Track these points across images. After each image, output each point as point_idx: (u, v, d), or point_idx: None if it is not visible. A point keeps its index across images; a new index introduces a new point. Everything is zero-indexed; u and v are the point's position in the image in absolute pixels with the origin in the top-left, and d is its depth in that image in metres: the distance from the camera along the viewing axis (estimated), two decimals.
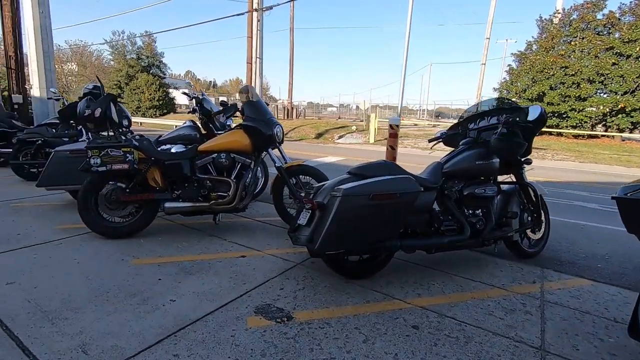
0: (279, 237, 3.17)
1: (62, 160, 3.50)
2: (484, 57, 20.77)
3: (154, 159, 2.96)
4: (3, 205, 3.78)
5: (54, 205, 3.86)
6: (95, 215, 2.92)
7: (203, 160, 3.07)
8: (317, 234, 2.08)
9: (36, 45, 8.59)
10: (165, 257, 2.65)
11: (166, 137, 4.06)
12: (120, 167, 2.79)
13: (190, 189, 3.02)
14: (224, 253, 2.77)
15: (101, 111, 2.98)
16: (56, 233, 3.01)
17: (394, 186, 2.13)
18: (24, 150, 5.03)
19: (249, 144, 3.12)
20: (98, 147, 2.75)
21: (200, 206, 2.99)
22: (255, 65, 19.58)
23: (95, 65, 31.90)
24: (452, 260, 2.81)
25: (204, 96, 4.05)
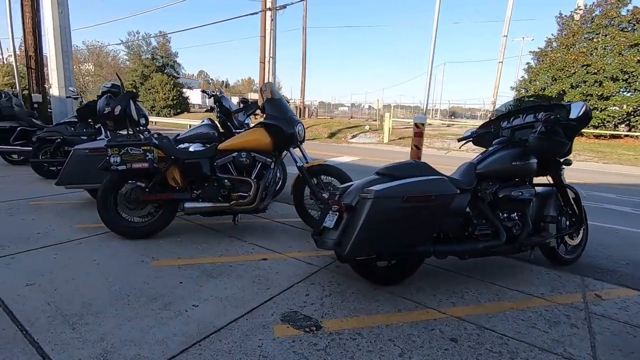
0: (301, 239, 3.06)
1: (81, 158, 3.47)
2: (501, 55, 20.33)
3: (174, 158, 2.89)
4: (23, 203, 3.77)
5: (73, 204, 3.84)
6: (114, 215, 2.86)
7: (223, 159, 2.98)
8: (346, 238, 1.97)
9: (55, 44, 8.71)
10: (185, 258, 2.57)
11: (184, 136, 4.00)
12: (140, 165, 2.72)
13: (210, 189, 2.94)
14: (245, 255, 2.67)
15: (121, 109, 2.93)
16: (75, 232, 2.97)
17: (428, 188, 2.00)
18: (44, 149, 5.05)
19: (270, 143, 3.03)
20: (118, 145, 2.69)
21: (221, 206, 2.91)
22: (269, 65, 19.58)
23: (112, 65, 32.46)
24: (485, 266, 2.66)
25: (222, 94, 3.97)
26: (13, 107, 6.08)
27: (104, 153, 3.43)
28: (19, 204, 3.72)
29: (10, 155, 6.14)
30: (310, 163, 3.19)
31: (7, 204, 3.70)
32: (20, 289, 2.02)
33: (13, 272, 2.22)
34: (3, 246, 2.61)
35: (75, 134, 5.11)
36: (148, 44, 28.22)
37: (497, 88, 20.49)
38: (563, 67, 16.14)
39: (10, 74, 14.84)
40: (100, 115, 2.84)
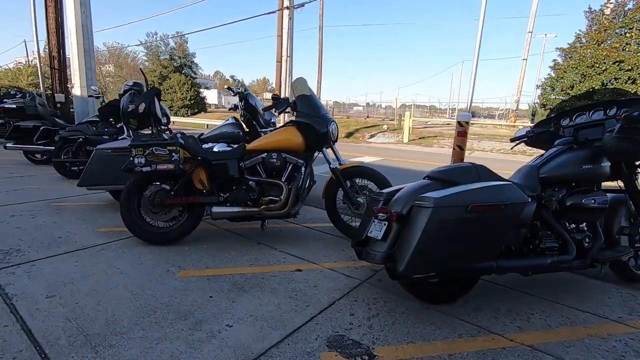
0: (335, 247, 2.83)
1: (103, 159, 3.33)
2: (525, 52, 19.60)
3: (201, 159, 2.69)
4: (45, 204, 3.67)
5: (94, 206, 3.71)
6: (138, 219, 2.70)
7: (252, 160, 2.78)
8: (401, 253, 1.72)
9: (77, 44, 8.74)
10: (213, 268, 2.37)
11: (208, 135, 3.83)
12: (166, 167, 2.54)
13: (238, 192, 2.74)
14: (277, 266, 2.46)
15: (145, 107, 2.77)
16: (97, 237, 2.82)
17: (496, 195, 1.73)
18: (66, 148, 4.98)
19: (302, 143, 2.80)
20: (142, 145, 2.52)
21: (250, 211, 2.70)
22: (287, 64, 19.42)
23: (131, 66, 33.00)
24: (544, 281, 2.36)
25: (248, 91, 3.78)
26: (37, 106, 6.07)
27: (127, 153, 3.29)
28: (41, 205, 3.62)
29: (33, 155, 6.13)
30: (344, 164, 2.95)
31: (30, 205, 3.60)
32: (40, 301, 1.86)
33: (33, 281, 2.07)
34: (23, 251, 2.47)
35: (97, 133, 5.02)
36: (166, 44, 28.56)
37: (521, 86, 19.77)
38: (593, 64, 15.39)
39: (34, 74, 15.16)
40: (124, 113, 2.68)
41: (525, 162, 2.40)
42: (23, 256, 2.39)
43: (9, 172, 5.20)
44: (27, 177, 4.96)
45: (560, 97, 17.68)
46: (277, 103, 2.86)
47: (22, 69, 16.44)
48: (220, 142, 3.79)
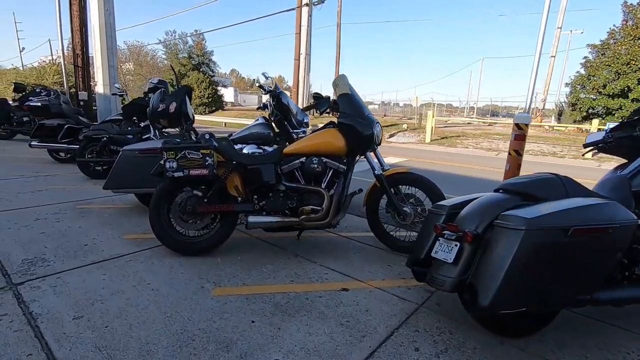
0: (378, 262, 2.57)
1: (130, 160, 3.16)
2: (553, 48, 18.80)
3: (236, 163, 2.48)
4: (70, 207, 3.54)
5: (120, 209, 3.56)
6: (168, 228, 2.50)
7: (290, 165, 2.54)
8: (483, 283, 1.45)
9: (101, 42, 8.74)
10: (251, 285, 2.15)
11: (237, 136, 3.62)
12: (199, 172, 2.33)
13: (275, 200, 2.51)
14: (320, 283, 2.21)
15: (176, 106, 2.57)
16: (125, 245, 2.64)
17: (601, 216, 1.44)
18: (90, 148, 4.88)
19: (344, 146, 2.55)
20: (174, 148, 2.31)
21: (289, 221, 2.47)
22: (305, 62, 19.21)
23: (150, 64, 33.43)
24: (632, 312, 2.04)
25: (280, 90, 3.55)
26: (61, 104, 6.02)
27: (154, 154, 3.12)
28: (67, 208, 3.49)
29: (57, 153, 6.08)
30: (390, 170, 2.68)
31: (55, 207, 3.47)
32: (66, 323, 1.67)
33: (59, 298, 1.89)
34: (48, 261, 2.31)
35: (121, 132, 4.90)
36: (184, 43, 28.79)
37: (548, 85, 18.97)
38: (629, 61, 14.59)
39: (59, 72, 15.40)
40: (154, 112, 2.50)
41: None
42: (48, 267, 2.22)
43: (34, 172, 5.14)
44: (51, 177, 4.88)
45: (591, 96, 16.87)
46: (319, 103, 2.61)
47: (46, 68, 16.75)
48: (250, 143, 3.59)
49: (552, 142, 14.42)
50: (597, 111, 16.39)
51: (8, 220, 3.02)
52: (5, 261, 2.27)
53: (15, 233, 2.75)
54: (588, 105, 16.40)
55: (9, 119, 8.41)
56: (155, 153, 3.15)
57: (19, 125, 8.46)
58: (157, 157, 3.13)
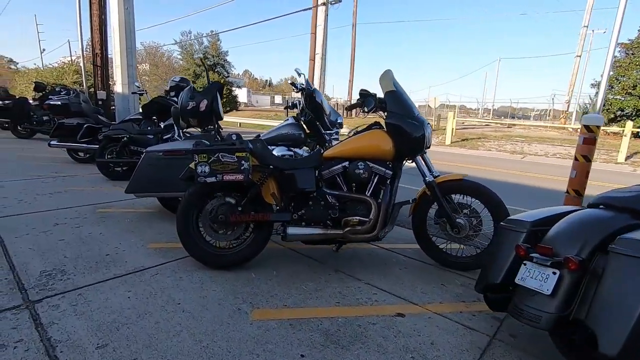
0: (430, 280, 2.28)
1: (154, 162, 2.95)
2: (579, 48, 18.11)
3: (272, 168, 2.23)
4: (90, 211, 3.35)
5: (142, 214, 3.35)
6: (197, 238, 2.27)
7: (331, 170, 2.27)
8: (606, 325, 1.15)
9: (120, 41, 8.64)
10: (293, 307, 1.89)
11: (266, 137, 3.39)
12: (234, 177, 2.09)
13: (316, 209, 2.25)
14: (371, 306, 1.94)
15: (207, 104, 2.34)
16: (149, 255, 2.42)
17: None
18: (110, 148, 4.72)
19: (392, 150, 2.27)
20: (207, 151, 2.08)
21: (333, 234, 2.20)
22: (320, 62, 18.95)
23: (166, 65, 33.72)
24: None
25: (313, 88, 3.29)
26: (80, 103, 5.91)
27: (180, 156, 2.90)
28: (86, 212, 3.30)
29: (76, 153, 5.97)
30: (443, 177, 2.39)
31: (74, 211, 3.29)
32: (90, 354, 1.44)
33: (80, 320, 1.66)
34: (68, 274, 2.10)
35: (141, 132, 4.73)
36: (200, 43, 28.90)
37: (573, 85, 18.28)
38: None
39: (78, 72, 15.54)
40: (184, 111, 2.27)
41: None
42: (68, 280, 2.01)
43: (53, 172, 5.01)
44: (70, 178, 4.74)
45: (619, 98, 16.15)
46: (365, 100, 2.34)
47: (66, 67, 16.95)
48: (279, 144, 3.35)
49: None
50: (626, 113, 15.67)
51: (26, 225, 2.85)
52: (22, 273, 2.07)
53: (34, 240, 2.57)
54: (617, 106, 15.70)
55: (29, 118, 8.41)
56: (181, 155, 2.94)
57: (39, 125, 8.45)
58: (183, 159, 2.94)
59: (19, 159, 5.88)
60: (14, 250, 2.38)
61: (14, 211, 3.19)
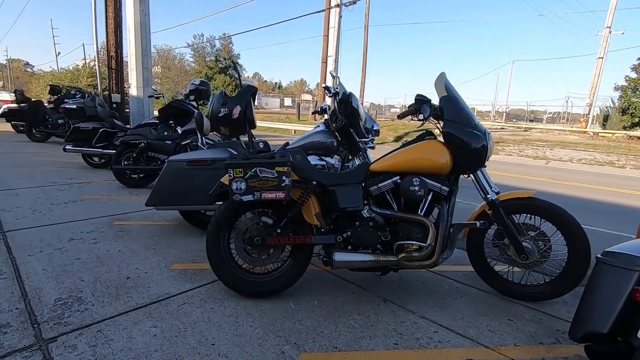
0: (495, 314, 1.98)
1: (176, 172, 2.71)
2: (602, 49, 17.51)
3: (315, 184, 1.96)
4: (107, 223, 3.13)
5: (162, 228, 3.12)
6: (229, 262, 2.01)
7: (380, 186, 2.00)
8: None
9: (135, 43, 8.53)
10: (345, 351, 1.61)
11: (295, 145, 3.13)
12: (273, 196, 1.82)
13: (364, 231, 1.97)
14: (435, 349, 1.65)
15: (241, 110, 2.09)
16: (174, 279, 2.17)
17: None
18: (127, 154, 4.51)
19: (448, 163, 1.98)
20: (243, 165, 1.82)
21: (386, 261, 1.92)
22: (335, 64, 18.70)
23: (178, 67, 33.89)
24: None
25: (349, 92, 3.02)
26: (96, 107, 5.74)
27: (205, 166, 2.67)
28: (103, 224, 3.08)
29: (91, 158, 5.80)
30: (507, 194, 2.09)
31: (90, 224, 3.07)
32: None
33: None
34: (86, 302, 1.86)
35: (159, 137, 4.52)
36: (212, 46, 28.99)
37: (596, 88, 17.67)
38: None
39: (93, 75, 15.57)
40: (214, 119, 2.02)
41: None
42: (86, 312, 1.77)
43: (68, 178, 4.84)
44: (85, 185, 4.55)
45: None
46: (421, 107, 2.05)
47: (81, 70, 17.02)
48: (309, 154, 3.08)
49: (602, 150, 13.30)
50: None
51: (40, 241, 2.63)
52: (35, 301, 1.84)
53: (48, 259, 2.34)
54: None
55: (45, 121, 8.32)
56: (206, 164, 2.70)
57: (54, 128, 8.36)
58: (208, 169, 2.70)
59: (34, 163, 5.74)
60: (26, 271, 2.15)
61: (28, 223, 2.99)
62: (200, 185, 2.71)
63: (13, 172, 4.97)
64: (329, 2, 19.56)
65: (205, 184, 2.72)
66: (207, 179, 2.71)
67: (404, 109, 2.92)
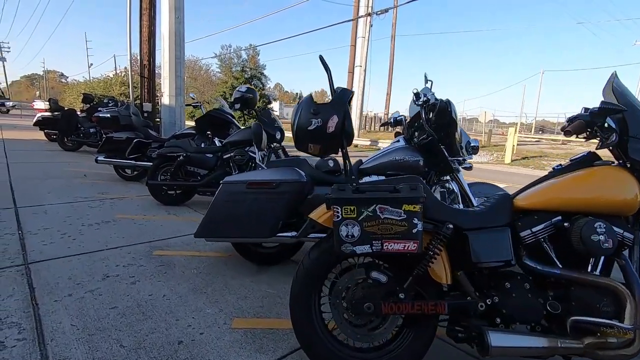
0: None
1: (234, 197, 2.20)
2: None
3: (451, 227, 1.37)
4: (145, 252, 2.65)
5: (211, 261, 2.60)
6: (322, 331, 1.44)
7: (535, 230, 1.39)
8: None
9: (169, 50, 8.30)
10: None
11: (371, 164, 2.57)
12: (401, 247, 1.25)
13: (521, 298, 1.36)
14: None
15: (338, 122, 1.54)
16: (240, 346, 1.62)
17: None
18: (164, 168, 4.08)
19: (636, 199, 1.36)
20: (356, 200, 1.26)
21: (566, 348, 1.30)
22: (362, 74, 18.23)
23: (204, 77, 34.37)
24: None
25: (445, 99, 2.44)
26: (130, 116, 5.41)
27: (270, 189, 2.15)
28: (141, 254, 2.60)
29: (123, 170, 5.44)
30: None
31: (126, 253, 2.59)
32: None
33: None
34: None
35: (199, 150, 4.07)
36: (239, 56, 29.20)
37: None
38: None
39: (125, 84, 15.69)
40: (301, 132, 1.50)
41: None
42: None
43: (100, 192, 4.45)
44: (118, 201, 4.13)
45: None
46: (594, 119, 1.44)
47: (113, 79, 17.25)
48: (388, 174, 2.52)
49: None
50: None
51: (69, 278, 2.16)
52: None
53: (78, 307, 1.85)
54: None
55: (77, 130, 8.15)
56: (270, 188, 2.18)
57: (86, 137, 8.17)
58: (273, 194, 2.18)
59: (65, 175, 5.42)
60: (51, 327, 1.66)
61: (56, 251, 2.54)
62: (263, 212, 2.19)
63: (43, 184, 4.64)
64: (357, 12, 19.29)
65: (268, 212, 2.20)
66: (271, 205, 2.19)
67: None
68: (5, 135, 10.08)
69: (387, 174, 2.54)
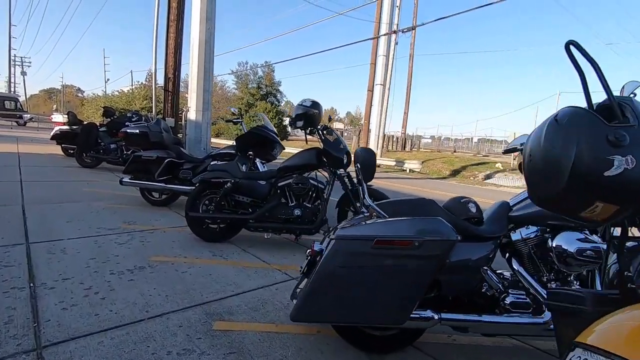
0: None
1: (353, 260, 1.46)
2: None
3: None
4: (201, 322, 1.90)
5: (297, 341, 1.84)
6: None
7: None
8: None
9: (198, 63, 7.80)
10: None
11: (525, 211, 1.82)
12: None
13: None
14: None
15: None
16: None
17: None
18: (207, 196, 3.37)
19: None
20: None
21: None
22: (383, 92, 17.73)
23: (220, 94, 34.37)
24: None
25: None
26: (162, 132, 4.75)
27: (410, 248, 1.41)
28: (197, 327, 1.85)
29: (150, 193, 4.76)
30: None
31: (177, 327, 1.85)
32: None
33: None
34: None
35: (250, 176, 3.36)
36: (255, 73, 29.14)
37: None
38: None
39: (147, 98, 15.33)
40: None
41: None
42: None
43: (125, 221, 3.75)
44: (148, 234, 3.42)
45: None
46: None
47: (135, 92, 16.97)
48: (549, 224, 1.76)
49: None
50: None
51: None
52: None
53: None
54: None
55: (97, 146, 7.56)
56: (410, 248, 1.44)
57: (106, 153, 7.56)
58: (413, 257, 1.44)
59: (85, 197, 4.76)
60: None
61: (79, 323, 1.80)
62: (399, 286, 1.44)
63: (61, 210, 3.97)
64: (378, 31, 18.98)
65: (408, 284, 1.45)
66: (411, 274, 1.44)
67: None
68: (21, 149, 9.58)
69: (549, 224, 1.79)
